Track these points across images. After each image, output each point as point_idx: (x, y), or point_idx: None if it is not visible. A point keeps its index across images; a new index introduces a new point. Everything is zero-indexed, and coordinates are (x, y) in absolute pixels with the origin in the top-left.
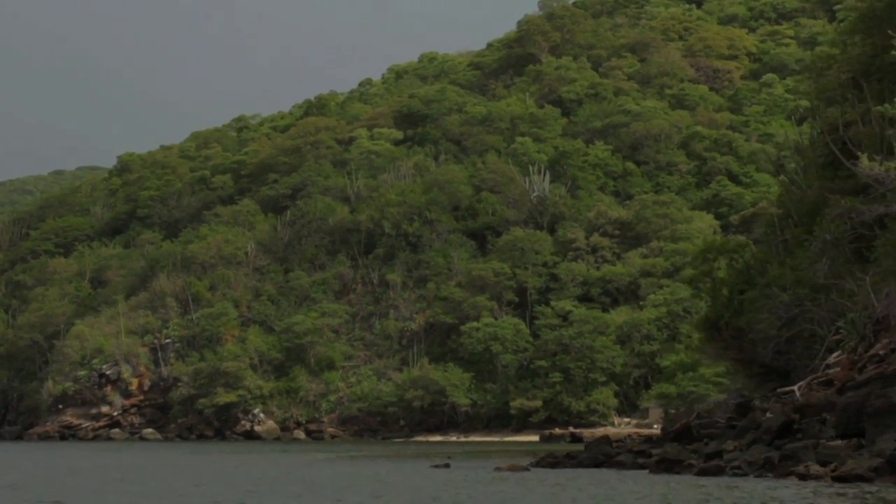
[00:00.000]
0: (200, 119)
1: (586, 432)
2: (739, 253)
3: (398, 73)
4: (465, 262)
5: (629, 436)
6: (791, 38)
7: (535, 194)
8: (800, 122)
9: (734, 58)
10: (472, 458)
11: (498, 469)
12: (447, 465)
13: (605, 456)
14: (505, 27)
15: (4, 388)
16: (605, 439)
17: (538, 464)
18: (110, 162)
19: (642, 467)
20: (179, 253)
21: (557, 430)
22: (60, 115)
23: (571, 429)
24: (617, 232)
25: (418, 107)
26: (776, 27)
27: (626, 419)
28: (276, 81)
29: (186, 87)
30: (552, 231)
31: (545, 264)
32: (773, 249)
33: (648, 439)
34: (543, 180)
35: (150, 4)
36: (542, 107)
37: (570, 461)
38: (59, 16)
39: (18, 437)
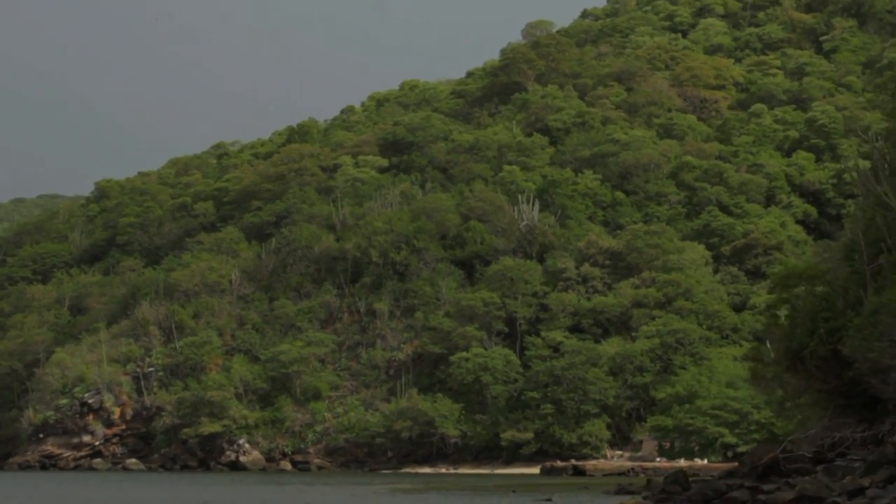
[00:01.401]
0: (172, 146)
1: (588, 465)
2: (821, 279)
3: (379, 101)
4: (454, 291)
5: (651, 469)
6: (778, 68)
7: (524, 223)
8: (789, 153)
9: (721, 87)
10: (539, 491)
11: None
12: (549, 500)
13: (714, 492)
14: (482, 57)
15: None
16: (681, 473)
17: (645, 499)
18: (72, 189)
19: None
20: (162, 280)
21: (560, 463)
22: (17, 139)
23: (574, 461)
24: (608, 262)
25: (403, 134)
26: (762, 57)
27: (619, 452)
28: (248, 109)
29: (155, 114)
30: (541, 260)
31: (535, 294)
32: (867, 275)
33: (730, 473)
34: (532, 209)
35: (113, 26)
36: (529, 135)
37: (679, 497)
38: (21, 39)
39: None
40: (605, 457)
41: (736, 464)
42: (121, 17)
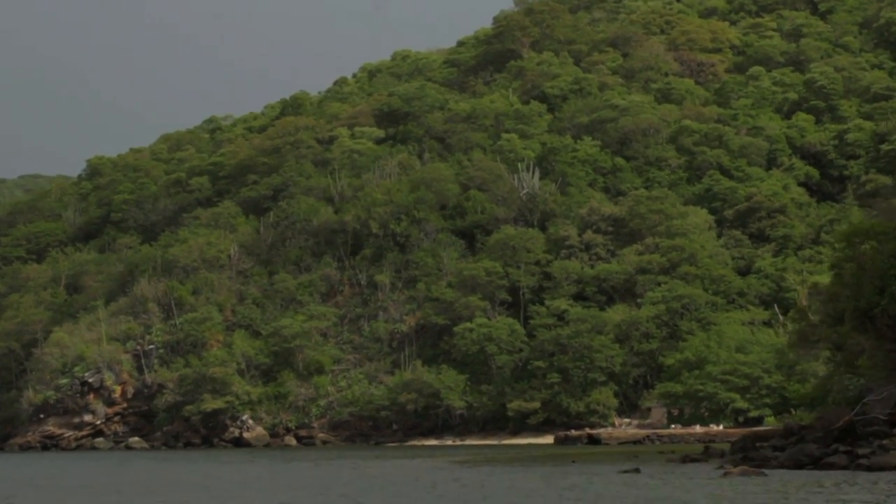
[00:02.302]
0: (159, 122)
1: (603, 433)
2: (889, 236)
3: (371, 72)
4: (455, 261)
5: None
6: (774, 30)
7: (524, 191)
8: (788, 115)
9: (718, 51)
10: (611, 462)
11: (727, 473)
12: (637, 471)
13: (808, 457)
14: (471, 27)
15: None
16: (749, 438)
17: (741, 463)
18: (53, 169)
19: (870, 469)
20: (160, 257)
21: (573, 432)
22: None
23: (588, 430)
24: (610, 229)
25: (399, 105)
26: (758, 19)
27: (627, 419)
28: (234, 82)
29: (140, 88)
30: (543, 228)
31: (538, 263)
32: None
33: (801, 438)
34: (532, 177)
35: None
36: (526, 103)
37: (773, 462)
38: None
39: None
40: (613, 425)
41: (754, 429)
42: None
